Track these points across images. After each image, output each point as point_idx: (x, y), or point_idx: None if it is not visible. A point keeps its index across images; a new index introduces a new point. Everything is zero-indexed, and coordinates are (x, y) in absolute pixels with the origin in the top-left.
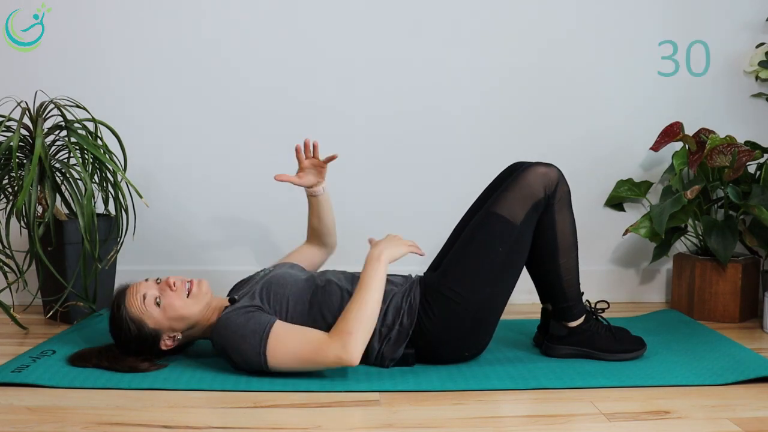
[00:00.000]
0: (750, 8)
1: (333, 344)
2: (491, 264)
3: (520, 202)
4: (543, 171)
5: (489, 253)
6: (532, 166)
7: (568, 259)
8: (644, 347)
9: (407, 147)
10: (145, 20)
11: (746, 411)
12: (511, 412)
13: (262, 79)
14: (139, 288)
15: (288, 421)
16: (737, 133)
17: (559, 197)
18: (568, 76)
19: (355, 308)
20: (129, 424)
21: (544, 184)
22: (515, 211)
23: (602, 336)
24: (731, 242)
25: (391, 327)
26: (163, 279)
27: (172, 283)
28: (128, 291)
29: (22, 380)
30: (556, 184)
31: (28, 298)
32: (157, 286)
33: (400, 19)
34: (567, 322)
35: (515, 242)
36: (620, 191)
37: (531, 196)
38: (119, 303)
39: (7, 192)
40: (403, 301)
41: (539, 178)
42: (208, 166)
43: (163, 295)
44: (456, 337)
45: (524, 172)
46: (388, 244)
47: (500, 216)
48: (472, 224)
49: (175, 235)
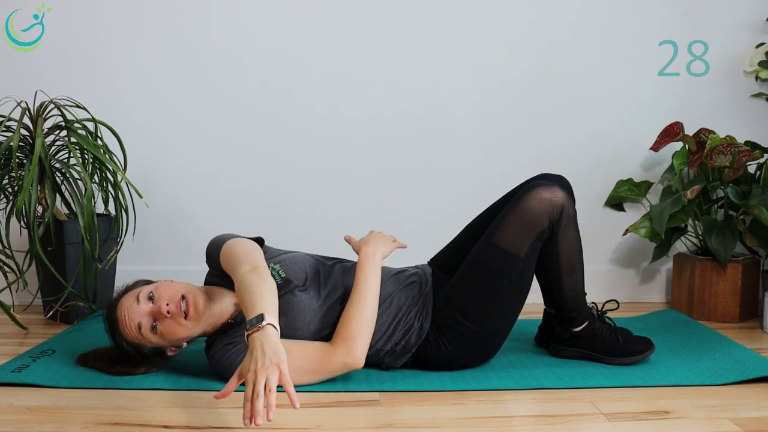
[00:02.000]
0: (750, 8)
1: (338, 351)
2: (497, 298)
3: (523, 233)
4: (547, 197)
5: (494, 287)
6: (535, 190)
7: (572, 279)
8: (650, 349)
9: (408, 147)
10: (145, 20)
11: (746, 411)
12: (511, 412)
13: (262, 79)
14: (131, 315)
15: (288, 421)
16: (737, 133)
17: (565, 222)
18: (569, 77)
19: (356, 311)
20: (129, 424)
21: (549, 212)
22: (518, 243)
23: (606, 339)
24: (731, 242)
25: (397, 342)
26: (154, 291)
27: (165, 312)
28: (120, 319)
29: (22, 380)
30: (561, 211)
31: (28, 298)
32: (150, 307)
33: (400, 19)
34: (570, 327)
35: (520, 274)
36: (620, 191)
37: (535, 226)
38: (113, 331)
39: (7, 192)
40: (416, 320)
41: (543, 205)
42: (208, 166)
43: (160, 323)
44: (462, 358)
45: (527, 198)
46: (378, 241)
47: (503, 250)
48: (475, 254)
49: (175, 235)
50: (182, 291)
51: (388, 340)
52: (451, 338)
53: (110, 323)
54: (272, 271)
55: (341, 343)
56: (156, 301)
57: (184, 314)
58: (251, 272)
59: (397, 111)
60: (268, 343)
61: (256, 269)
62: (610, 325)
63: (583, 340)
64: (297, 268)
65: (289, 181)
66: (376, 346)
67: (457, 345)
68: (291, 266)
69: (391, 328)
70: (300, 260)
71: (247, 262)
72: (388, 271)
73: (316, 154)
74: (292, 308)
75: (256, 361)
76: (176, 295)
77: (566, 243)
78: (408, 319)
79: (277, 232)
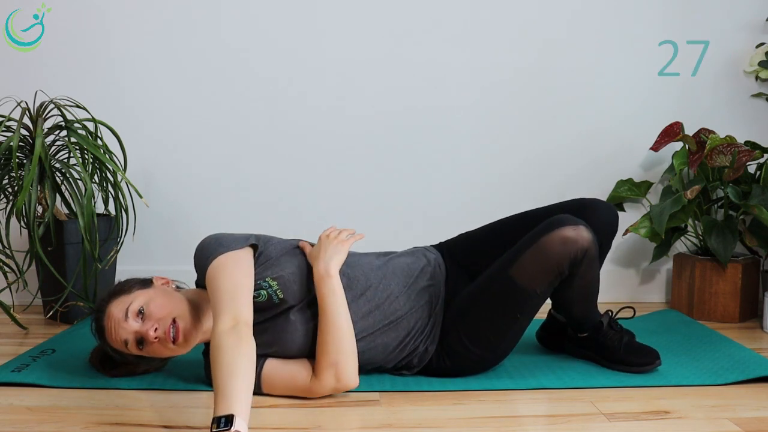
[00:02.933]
0: (750, 8)
1: (324, 381)
2: (509, 328)
3: (542, 272)
4: (571, 237)
5: (507, 319)
6: (559, 229)
7: (584, 305)
8: (656, 362)
9: (408, 147)
10: (145, 20)
11: (746, 411)
12: (511, 412)
13: (263, 79)
14: (118, 331)
15: (288, 421)
16: (737, 133)
17: (585, 265)
18: (568, 76)
19: (330, 339)
20: (129, 424)
21: (570, 256)
22: (535, 281)
23: (612, 346)
24: (731, 242)
25: (400, 361)
26: (146, 310)
27: (152, 338)
28: (107, 329)
29: (22, 380)
30: (584, 254)
31: (28, 298)
32: (138, 327)
33: (400, 19)
34: (577, 332)
35: (534, 307)
36: (620, 191)
37: (553, 269)
38: (100, 335)
39: (7, 192)
40: (422, 344)
41: (566, 247)
42: (209, 166)
43: (147, 345)
44: (464, 373)
45: (549, 237)
46: (328, 251)
47: (519, 285)
48: (489, 282)
49: (175, 235)
50: (174, 313)
51: (392, 361)
52: (455, 359)
53: (98, 328)
54: (269, 290)
55: (326, 373)
56: (146, 319)
57: (173, 339)
58: (229, 335)
59: (398, 110)
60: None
61: (236, 329)
62: (618, 331)
63: (590, 344)
64: (296, 288)
65: (289, 181)
66: (378, 364)
67: (461, 365)
68: (290, 286)
69: (397, 350)
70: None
71: (230, 309)
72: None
73: (317, 154)
74: (285, 330)
75: None
76: (167, 319)
77: (585, 281)
78: (415, 343)
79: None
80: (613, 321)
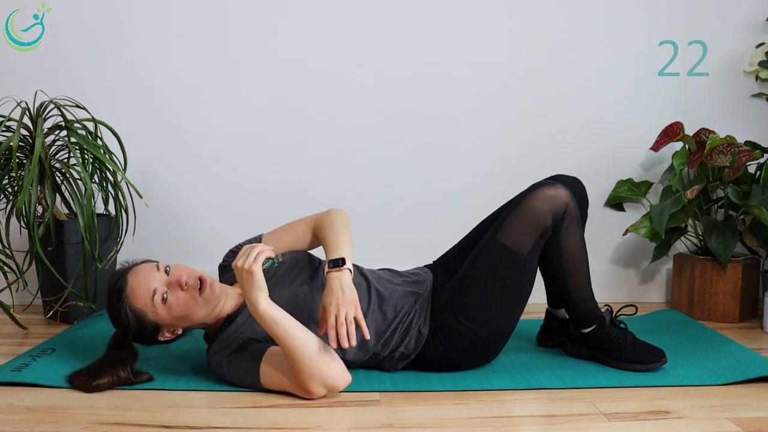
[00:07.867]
0: (750, 8)
1: (314, 391)
2: (500, 297)
3: (527, 231)
4: (550, 194)
5: (497, 286)
6: (539, 189)
7: (576, 278)
8: (661, 360)
9: (408, 144)
10: (144, 20)
11: (746, 411)
12: (511, 412)
13: (263, 79)
14: (148, 281)
15: (288, 421)
16: (737, 133)
17: (568, 221)
18: (568, 76)
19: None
20: (129, 424)
21: (552, 210)
22: (522, 241)
23: (615, 344)
24: (731, 242)
25: (395, 348)
26: (171, 267)
27: (183, 283)
28: (132, 281)
29: (22, 379)
30: (565, 208)
31: (28, 298)
32: (165, 278)
33: (400, 18)
34: (579, 328)
35: (523, 272)
36: (620, 191)
37: (538, 224)
38: (120, 292)
39: (7, 192)
40: (414, 324)
41: (547, 203)
42: (209, 166)
43: (172, 293)
44: (463, 360)
45: (531, 196)
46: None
47: (506, 247)
48: (478, 253)
49: (175, 236)
50: (199, 273)
51: (385, 346)
52: (451, 340)
53: (117, 291)
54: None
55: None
56: (173, 274)
57: (200, 291)
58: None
59: (398, 110)
60: (345, 283)
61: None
62: (622, 329)
63: (592, 342)
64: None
65: (289, 180)
66: (373, 350)
67: (457, 347)
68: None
69: (388, 332)
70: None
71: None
72: (384, 275)
73: (318, 154)
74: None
75: (336, 297)
76: (194, 273)
77: (569, 242)
78: (405, 322)
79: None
80: (615, 318)
